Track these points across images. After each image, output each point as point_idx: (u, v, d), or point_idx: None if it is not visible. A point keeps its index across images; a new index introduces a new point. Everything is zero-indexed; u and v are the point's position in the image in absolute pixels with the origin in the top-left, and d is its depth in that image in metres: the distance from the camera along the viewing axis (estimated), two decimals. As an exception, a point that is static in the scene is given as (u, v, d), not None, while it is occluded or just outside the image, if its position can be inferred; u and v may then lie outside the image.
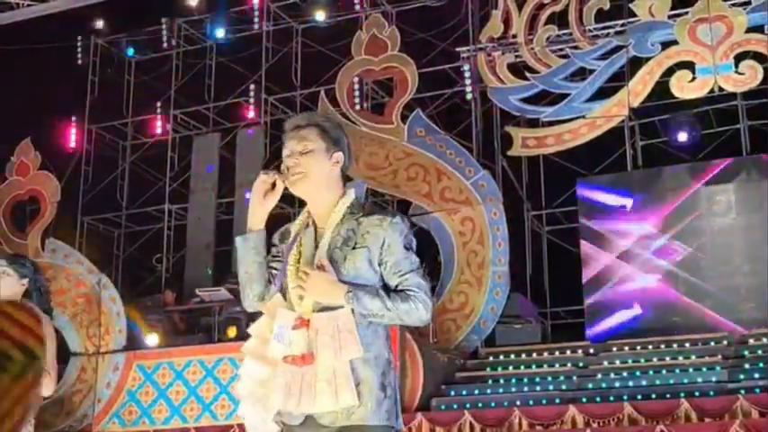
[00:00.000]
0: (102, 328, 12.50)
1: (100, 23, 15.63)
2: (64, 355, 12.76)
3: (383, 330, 2.99)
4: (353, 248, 2.95)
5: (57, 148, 15.38)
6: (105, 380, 12.03)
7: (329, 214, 3.02)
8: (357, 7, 14.47)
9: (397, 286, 2.96)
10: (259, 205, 2.99)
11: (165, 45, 15.69)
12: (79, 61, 15.78)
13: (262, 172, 3.01)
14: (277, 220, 3.17)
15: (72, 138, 15.60)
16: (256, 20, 15.12)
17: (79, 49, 15.79)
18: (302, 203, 3.18)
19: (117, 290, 13.03)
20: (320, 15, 14.69)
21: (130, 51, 15.58)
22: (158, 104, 15.78)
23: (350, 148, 3.13)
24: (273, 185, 2.98)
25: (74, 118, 15.65)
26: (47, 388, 4.25)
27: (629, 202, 12.76)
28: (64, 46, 15.61)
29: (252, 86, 15.15)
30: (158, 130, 15.75)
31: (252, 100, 15.06)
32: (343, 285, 2.90)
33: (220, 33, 15.29)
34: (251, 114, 15.03)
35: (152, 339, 12.02)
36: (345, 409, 2.87)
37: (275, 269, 3.05)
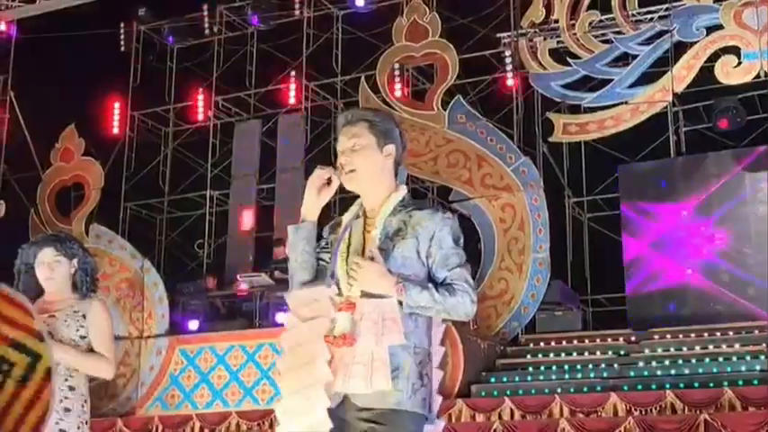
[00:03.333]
0: (145, 313, 12.64)
1: (142, 11, 15.73)
2: (108, 339, 12.92)
3: (424, 322, 3.02)
4: (403, 239, 3.00)
5: (100, 135, 15.54)
6: (148, 364, 12.17)
7: (381, 206, 3.09)
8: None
9: (444, 279, 2.99)
10: (314, 198, 3.05)
11: (206, 32, 15.77)
12: (122, 48, 15.91)
13: (318, 167, 3.07)
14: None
15: (115, 124, 15.74)
16: (297, 6, 15.14)
17: (122, 36, 15.91)
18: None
19: (159, 275, 13.17)
20: (360, 1, 14.66)
21: (255, 20, 15.33)
22: (200, 91, 15.87)
23: (403, 138, 3.19)
24: (329, 181, 3.05)
25: (117, 104, 15.79)
26: (106, 371, 4.24)
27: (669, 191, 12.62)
28: (107, 33, 15.74)
29: (293, 73, 15.18)
30: (200, 117, 15.84)
31: (293, 86, 15.09)
32: (393, 277, 2.94)
33: (255, 19, 15.30)
34: (292, 101, 15.07)
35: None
36: (379, 393, 2.90)
37: (323, 260, 3.11)
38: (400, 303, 2.95)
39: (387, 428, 2.92)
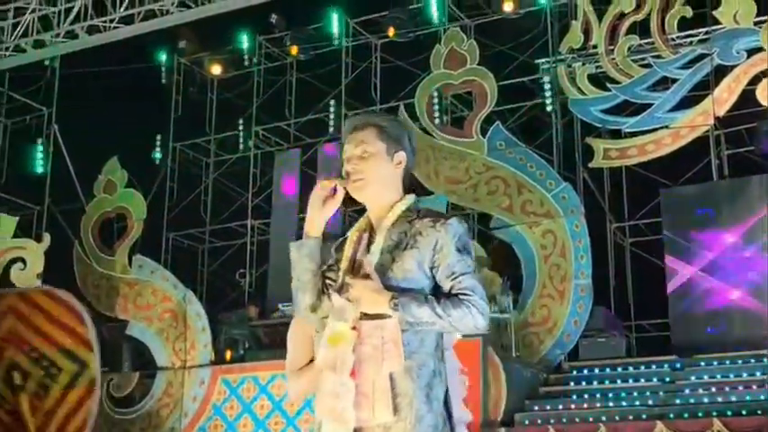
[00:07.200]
0: (188, 343, 12.72)
1: (183, 43, 15.95)
2: (151, 369, 13.02)
3: (431, 339, 2.77)
4: (403, 251, 2.78)
5: (142, 166, 15.72)
6: (191, 394, 12.23)
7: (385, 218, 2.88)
8: (435, 21, 14.50)
9: (450, 290, 2.76)
10: (318, 211, 2.86)
11: (246, 63, 15.95)
12: (163, 80, 16.13)
13: (323, 177, 2.91)
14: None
15: (157, 155, 15.93)
16: (336, 36, 15.27)
17: (163, 69, 16.14)
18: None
19: (201, 304, 13.26)
20: (390, 32, 14.70)
21: (294, 51, 15.48)
22: (240, 121, 16.04)
23: (414, 146, 2.98)
24: (335, 191, 2.87)
25: (158, 136, 15.99)
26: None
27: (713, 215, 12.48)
28: (148, 66, 15.98)
29: (332, 102, 15.29)
30: (240, 147, 16.00)
31: (332, 115, 15.19)
32: (388, 293, 2.71)
33: (294, 50, 15.45)
34: (331, 129, 15.16)
35: None
36: (382, 425, 2.70)
37: (331, 279, 2.91)
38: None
39: None
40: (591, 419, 10.25)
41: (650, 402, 10.57)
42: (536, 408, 10.95)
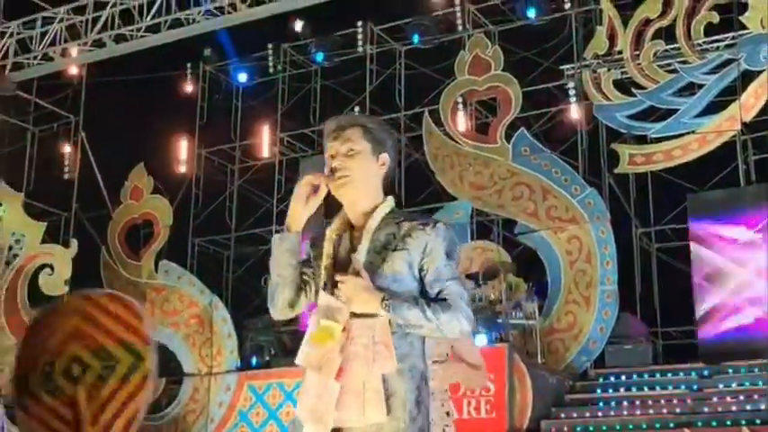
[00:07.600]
0: (214, 349, 12.77)
1: (208, 51, 16.05)
2: (178, 375, 13.08)
3: (419, 341, 2.80)
4: (393, 251, 2.79)
5: (168, 173, 15.82)
6: (217, 400, 12.27)
7: (367, 219, 2.87)
8: (460, 28, 14.49)
9: (437, 294, 2.79)
10: (301, 207, 2.87)
11: (271, 70, 16.01)
12: (189, 88, 16.23)
13: (307, 174, 2.91)
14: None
15: (183, 162, 16.02)
16: (360, 43, 15.29)
17: (189, 77, 16.25)
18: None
19: (227, 310, 13.30)
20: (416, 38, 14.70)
21: (320, 57, 15.54)
22: (265, 128, 16.09)
23: (396, 150, 2.99)
24: (317, 188, 2.87)
25: (184, 143, 16.08)
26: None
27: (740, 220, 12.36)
28: (175, 74, 16.08)
29: (356, 108, 15.30)
30: (265, 153, 16.06)
31: (356, 122, 15.18)
32: (379, 293, 2.72)
33: (320, 57, 15.49)
34: (355, 136, 15.15)
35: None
36: (374, 425, 2.68)
37: (306, 275, 2.93)
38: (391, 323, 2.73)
39: None
40: (618, 427, 10.20)
41: (677, 410, 10.50)
42: (562, 415, 10.91)
